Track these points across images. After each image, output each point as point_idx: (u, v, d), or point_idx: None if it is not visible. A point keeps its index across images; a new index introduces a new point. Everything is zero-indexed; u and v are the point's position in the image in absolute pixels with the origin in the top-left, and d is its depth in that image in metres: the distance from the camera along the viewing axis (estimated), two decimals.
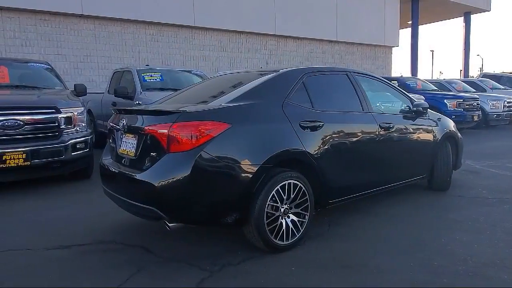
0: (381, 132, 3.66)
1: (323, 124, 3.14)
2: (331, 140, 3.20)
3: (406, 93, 4.39)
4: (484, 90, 14.36)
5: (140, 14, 11.61)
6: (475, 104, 11.13)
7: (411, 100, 4.30)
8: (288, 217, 2.95)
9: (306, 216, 3.05)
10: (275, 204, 2.82)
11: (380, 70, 18.06)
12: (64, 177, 5.41)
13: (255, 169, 2.68)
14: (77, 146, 5.04)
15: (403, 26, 21.45)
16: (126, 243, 3.16)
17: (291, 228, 2.95)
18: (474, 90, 13.72)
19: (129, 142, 2.97)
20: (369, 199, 4.11)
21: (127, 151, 2.96)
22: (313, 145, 3.06)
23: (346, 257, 2.86)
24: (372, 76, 4.04)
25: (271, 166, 2.77)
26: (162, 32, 12.38)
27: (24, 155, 4.55)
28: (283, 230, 2.89)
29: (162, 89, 6.85)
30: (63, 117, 4.91)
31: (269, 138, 2.83)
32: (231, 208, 2.66)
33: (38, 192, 4.83)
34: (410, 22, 21.01)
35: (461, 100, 10.72)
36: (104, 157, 3.36)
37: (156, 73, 7.21)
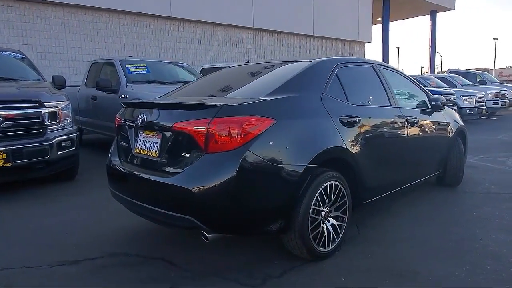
0: (409, 127, 3.48)
1: (359, 119, 2.90)
2: (366, 136, 2.96)
3: (422, 86, 4.25)
4: (455, 86, 14.80)
5: (113, 3, 10.89)
6: (452, 99, 11.42)
7: (428, 94, 4.17)
8: (328, 221, 2.69)
9: (345, 219, 2.81)
10: (317, 208, 2.55)
11: None
12: (45, 179, 4.84)
13: (301, 170, 2.39)
14: (63, 145, 4.52)
15: (373, 23, 21.76)
16: (143, 255, 2.78)
17: (332, 233, 2.70)
18: (447, 86, 14.10)
19: (149, 141, 2.59)
20: (385, 198, 3.94)
21: (148, 151, 2.58)
22: (352, 142, 2.81)
23: (392, 263, 2.64)
24: (391, 68, 3.85)
25: (316, 166, 2.49)
26: (137, 23, 11.71)
27: (4, 156, 3.99)
28: (325, 235, 2.63)
29: (149, 82, 6.37)
30: (47, 112, 4.37)
31: (313, 135, 2.54)
32: (277, 215, 2.36)
33: (21, 197, 4.27)
34: (380, 19, 21.39)
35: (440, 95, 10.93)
36: (113, 157, 2.93)
37: (141, 65, 6.69)
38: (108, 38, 11.22)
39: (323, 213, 2.61)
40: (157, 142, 2.52)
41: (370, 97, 3.22)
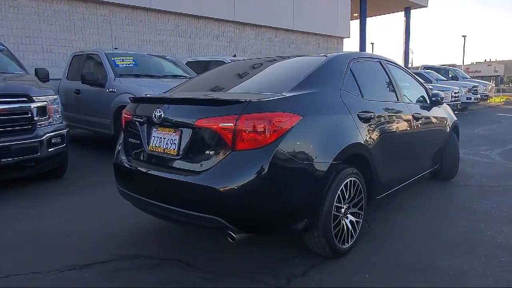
0: (414, 123, 3.52)
1: (374, 115, 2.90)
2: (380, 132, 2.96)
3: (421, 81, 4.31)
4: (431, 82, 15.23)
5: None
6: None
7: (426, 89, 4.23)
8: (347, 218, 2.67)
9: (361, 216, 2.81)
10: (338, 205, 2.53)
11: None
12: (30, 177, 4.56)
13: (327, 167, 2.35)
14: (53, 141, 4.29)
15: (351, 18, 22.01)
16: (156, 257, 2.67)
17: (350, 229, 2.68)
18: (425, 82, 14.48)
19: (165, 138, 2.47)
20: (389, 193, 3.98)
21: (164, 149, 2.46)
22: (368, 137, 2.80)
23: (410, 259, 2.65)
24: (395, 63, 3.87)
25: (339, 162, 2.46)
26: (115, 14, 11.30)
27: None
28: (344, 232, 2.62)
29: (137, 76, 6.16)
30: (36, 107, 4.13)
31: (336, 132, 2.51)
32: (303, 213, 2.31)
33: (8, 198, 4.02)
34: (356, 14, 21.65)
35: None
36: (122, 155, 2.79)
37: (128, 58, 6.45)
38: (85, 30, 10.78)
39: (342, 210, 2.59)
40: (175, 139, 2.41)
41: (382, 92, 3.23)
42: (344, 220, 2.64)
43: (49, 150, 4.22)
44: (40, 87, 4.35)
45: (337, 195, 2.48)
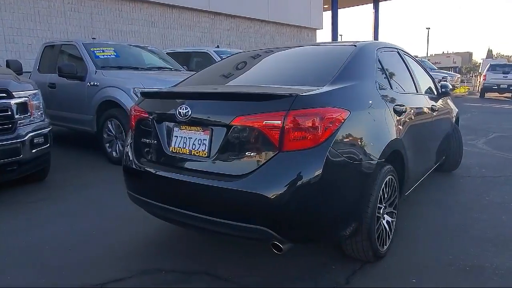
0: (432, 114, 3.41)
1: (405, 108, 2.74)
2: (410, 125, 2.81)
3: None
4: None
5: None
6: None
7: (433, 80, 4.15)
8: (384, 218, 2.51)
9: (395, 215, 2.65)
10: (379, 205, 2.35)
11: None
12: (8, 182, 4.07)
13: (374, 165, 2.16)
14: (36, 141, 3.84)
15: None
16: (181, 270, 2.39)
17: (387, 230, 2.52)
18: None
19: (191, 138, 2.18)
20: None
21: (191, 150, 2.17)
22: (402, 132, 2.64)
23: (450, 258, 2.53)
24: (408, 53, 3.74)
25: (384, 160, 2.28)
26: (83, 2, 10.60)
27: None
28: (383, 234, 2.45)
29: (121, 68, 5.70)
30: (16, 104, 3.66)
31: (380, 127, 2.32)
32: (353, 217, 2.11)
33: None
34: (326, 6, 21.68)
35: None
36: (134, 157, 2.46)
37: (109, 48, 5.96)
38: (51, 18, 10.04)
39: (381, 210, 2.42)
40: (205, 139, 2.13)
41: (405, 84, 3.07)
42: (382, 221, 2.47)
43: (32, 151, 3.78)
44: (19, 81, 3.87)
45: (379, 195, 2.30)
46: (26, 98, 3.79)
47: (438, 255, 2.58)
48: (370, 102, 2.32)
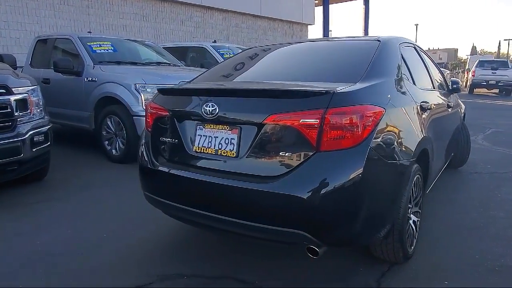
0: (448, 111, 3.37)
1: (430, 105, 2.68)
2: (432, 122, 2.76)
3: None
4: None
5: None
6: None
7: (444, 76, 4.11)
8: (410, 218, 2.44)
9: (420, 214, 2.59)
10: (409, 205, 2.29)
11: None
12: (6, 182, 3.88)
13: (408, 164, 2.09)
14: (36, 140, 3.67)
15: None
16: (203, 275, 2.28)
17: (414, 231, 2.46)
18: None
19: (217, 137, 2.07)
20: None
21: (218, 150, 2.06)
22: (428, 129, 2.57)
23: (477, 258, 2.48)
24: (422, 49, 3.68)
25: (415, 159, 2.21)
26: None
27: None
28: (411, 234, 2.39)
29: (119, 63, 5.51)
30: (16, 100, 3.48)
31: (411, 125, 2.25)
32: (387, 218, 2.04)
33: None
34: (317, 1, 21.62)
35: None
36: (152, 157, 2.34)
37: (106, 43, 5.77)
38: (39, 11, 9.71)
39: (409, 210, 2.36)
40: (233, 139, 2.02)
41: (424, 80, 3.01)
42: (409, 221, 2.41)
43: (33, 150, 3.60)
44: (18, 77, 3.68)
45: (410, 195, 2.23)
46: (26, 94, 3.61)
47: (464, 255, 2.53)
48: (401, 99, 2.24)
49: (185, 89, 2.38)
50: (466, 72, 27.12)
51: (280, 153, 1.87)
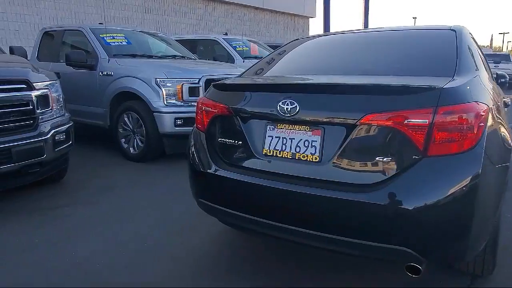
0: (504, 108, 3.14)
1: (508, 101, 2.45)
2: (506, 119, 2.53)
3: None
4: None
5: None
6: None
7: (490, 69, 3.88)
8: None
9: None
10: None
11: None
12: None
13: (508, 169, 1.86)
14: (58, 139, 3.38)
15: None
16: None
17: None
18: None
19: (295, 139, 1.82)
20: None
21: (295, 154, 1.81)
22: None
23: None
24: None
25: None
26: None
27: None
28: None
29: (134, 56, 5.21)
30: (37, 96, 3.18)
31: (505, 124, 2.01)
32: (489, 230, 1.81)
33: (6, 214, 3.08)
34: None
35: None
36: (209, 160, 2.07)
37: (119, 35, 5.45)
38: (39, 3, 9.31)
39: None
40: (314, 141, 1.77)
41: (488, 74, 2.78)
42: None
43: (55, 150, 3.31)
44: (37, 71, 3.38)
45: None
46: (47, 90, 3.31)
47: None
48: (493, 95, 2.01)
49: (252, 85, 2.12)
50: None
51: (377, 158, 1.63)
